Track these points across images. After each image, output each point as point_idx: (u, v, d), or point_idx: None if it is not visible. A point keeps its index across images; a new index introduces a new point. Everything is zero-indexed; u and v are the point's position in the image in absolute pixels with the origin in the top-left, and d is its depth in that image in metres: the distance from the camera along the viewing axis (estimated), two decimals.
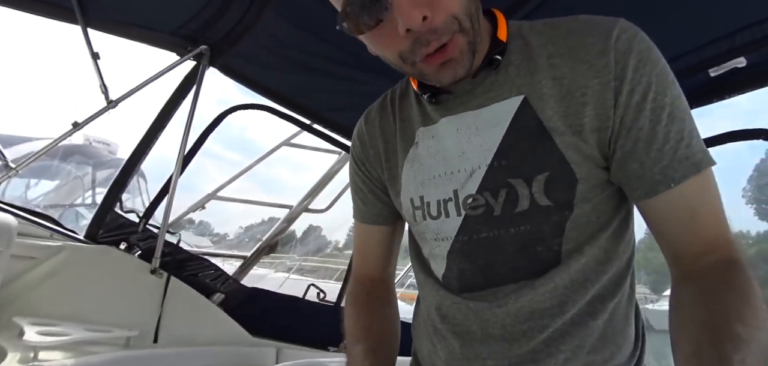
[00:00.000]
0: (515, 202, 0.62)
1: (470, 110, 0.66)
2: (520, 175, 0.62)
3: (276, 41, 1.65)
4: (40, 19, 1.43)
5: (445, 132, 0.68)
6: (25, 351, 1.17)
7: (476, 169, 0.65)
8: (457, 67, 0.59)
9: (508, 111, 0.63)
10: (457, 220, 0.67)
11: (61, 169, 6.13)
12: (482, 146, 0.64)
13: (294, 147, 2.22)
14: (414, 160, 0.72)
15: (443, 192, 0.68)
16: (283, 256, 6.94)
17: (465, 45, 0.57)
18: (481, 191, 0.64)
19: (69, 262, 1.46)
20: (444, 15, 0.55)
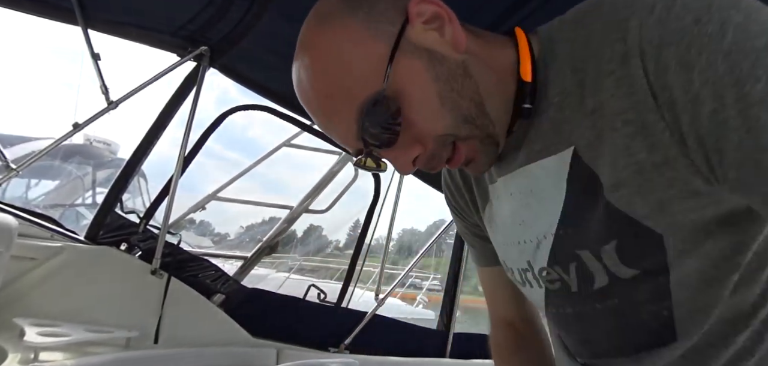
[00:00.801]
0: (591, 278, 0.52)
1: (520, 167, 0.55)
2: (585, 246, 0.51)
3: (277, 42, 1.64)
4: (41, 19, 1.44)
5: (503, 195, 0.60)
6: (25, 352, 1.17)
7: (542, 240, 0.55)
8: (479, 165, 0.53)
9: (561, 167, 0.51)
10: (541, 292, 0.60)
11: (61, 169, 6.14)
12: (544, 212, 0.54)
13: (294, 147, 2.22)
14: (491, 220, 0.66)
15: (520, 261, 0.61)
16: (284, 256, 6.95)
17: (475, 145, 0.51)
18: (552, 265, 0.55)
19: (69, 262, 1.45)
20: (433, 141, 0.49)
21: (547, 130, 0.52)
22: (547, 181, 0.53)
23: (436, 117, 0.48)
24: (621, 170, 0.46)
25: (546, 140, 0.52)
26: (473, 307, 20.24)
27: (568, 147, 0.50)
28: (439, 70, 0.48)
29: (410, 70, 0.47)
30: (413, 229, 33.48)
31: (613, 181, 0.47)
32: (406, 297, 9.98)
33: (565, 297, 0.56)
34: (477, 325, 4.63)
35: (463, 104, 0.49)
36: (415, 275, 10.42)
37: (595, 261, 0.51)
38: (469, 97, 0.49)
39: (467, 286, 2.49)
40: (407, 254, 17.88)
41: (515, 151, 0.55)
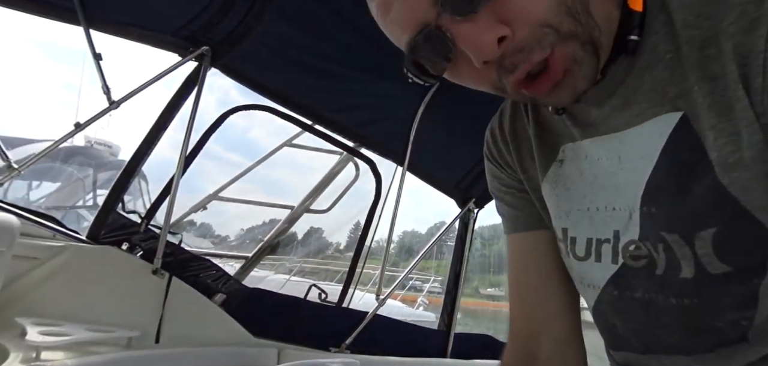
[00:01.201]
0: (677, 266, 0.46)
1: (613, 132, 0.49)
2: (675, 229, 0.45)
3: (277, 42, 1.65)
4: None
5: (591, 156, 0.52)
6: (27, 351, 1.17)
7: (634, 211, 0.49)
8: (575, 81, 0.42)
9: (659, 134, 0.44)
10: (611, 268, 0.52)
11: (62, 170, 6.14)
12: (627, 184, 0.48)
13: (295, 147, 2.23)
14: (556, 181, 0.56)
15: (599, 230, 0.53)
16: (284, 258, 6.95)
17: (576, 49, 0.41)
18: (643, 239, 0.49)
19: (71, 262, 1.46)
20: (528, 27, 0.39)
21: (648, 90, 0.45)
22: (637, 149, 0.46)
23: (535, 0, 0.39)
24: (744, 149, 0.39)
25: (647, 102, 0.45)
26: (473, 310, 20.19)
27: (674, 111, 0.43)
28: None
29: None
30: (414, 231, 33.50)
31: (731, 158, 0.40)
32: (406, 299, 9.97)
33: (645, 278, 0.49)
34: (477, 328, 4.63)
35: (572, 1, 0.40)
36: (415, 277, 10.42)
37: (686, 247, 0.45)
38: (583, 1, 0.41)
39: (467, 288, 2.48)
40: (408, 256, 17.88)
41: (607, 107, 0.48)
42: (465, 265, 2.40)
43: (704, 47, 0.41)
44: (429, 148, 2.14)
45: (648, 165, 0.46)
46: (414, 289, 11.08)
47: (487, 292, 26.61)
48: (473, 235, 2.44)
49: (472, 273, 17.56)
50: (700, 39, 0.41)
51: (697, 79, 0.41)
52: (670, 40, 0.43)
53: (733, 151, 0.40)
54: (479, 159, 2.32)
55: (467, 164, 2.25)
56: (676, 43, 0.42)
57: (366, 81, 1.83)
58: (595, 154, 0.52)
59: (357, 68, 1.77)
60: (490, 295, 26.36)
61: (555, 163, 0.56)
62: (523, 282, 0.65)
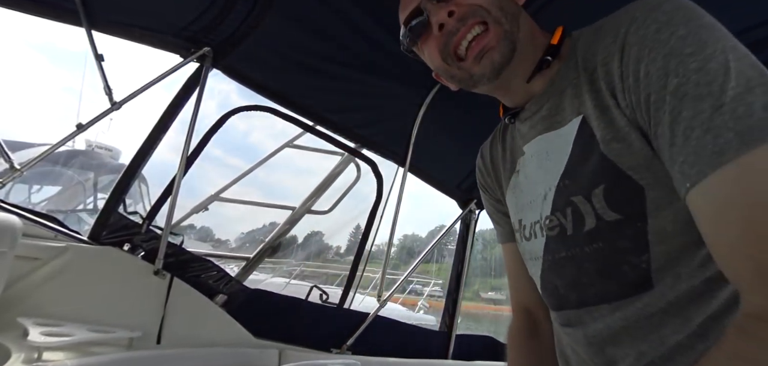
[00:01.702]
0: (582, 220, 0.62)
1: (540, 134, 0.70)
2: (579, 191, 0.62)
3: (279, 43, 1.66)
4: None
5: (528, 158, 0.74)
6: (29, 351, 1.17)
7: (548, 192, 0.68)
8: (493, 53, 0.65)
9: (571, 131, 0.64)
10: (542, 241, 0.70)
11: (63, 174, 6.14)
12: (552, 169, 0.67)
13: (297, 148, 2.23)
14: (515, 188, 0.78)
15: (534, 214, 0.72)
16: (284, 261, 6.95)
17: (500, 34, 0.65)
18: (554, 211, 0.67)
19: (73, 262, 1.46)
20: (468, 7, 0.65)
21: (564, 104, 0.66)
22: (559, 144, 0.66)
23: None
24: (616, 130, 0.57)
25: (564, 112, 0.66)
26: (474, 313, 20.07)
27: (578, 116, 0.63)
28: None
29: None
30: (414, 235, 33.38)
31: (606, 136, 0.58)
32: (407, 303, 9.95)
33: (561, 241, 0.65)
34: (478, 331, 4.61)
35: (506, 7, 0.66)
36: (416, 281, 10.40)
37: (587, 203, 0.61)
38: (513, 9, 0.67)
39: (468, 292, 2.48)
40: (408, 259, 17.86)
41: (538, 118, 0.70)
42: (466, 265, 2.40)
43: (592, 72, 0.62)
44: (430, 148, 2.14)
45: (566, 152, 0.64)
46: (414, 292, 11.06)
47: (488, 296, 26.54)
48: (475, 237, 2.44)
49: (473, 276, 17.50)
50: (590, 68, 0.62)
51: (588, 93, 0.62)
52: (575, 70, 0.65)
53: (608, 132, 0.58)
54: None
55: (468, 165, 2.25)
56: (577, 71, 0.64)
57: (367, 82, 1.84)
58: (530, 154, 0.72)
59: (358, 69, 1.78)
60: (491, 299, 26.27)
61: (514, 174, 0.78)
62: (515, 278, 0.89)
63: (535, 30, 0.70)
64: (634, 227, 0.56)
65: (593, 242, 0.60)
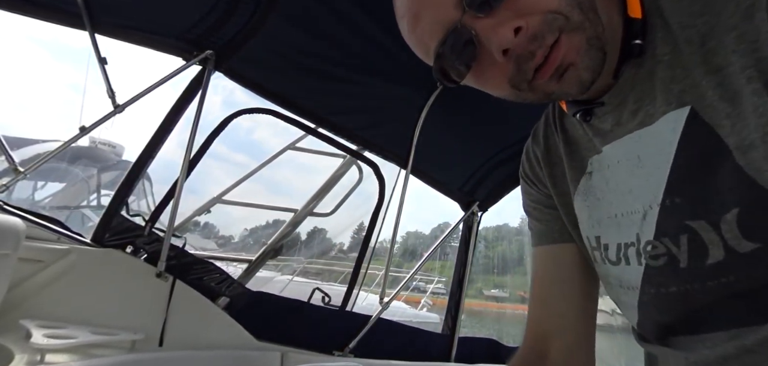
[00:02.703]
0: (705, 252, 0.47)
1: (628, 134, 0.53)
2: (701, 215, 0.47)
3: (281, 45, 1.65)
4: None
5: (611, 164, 0.56)
6: (31, 353, 1.18)
7: (648, 210, 0.51)
8: (579, 71, 0.47)
9: (673, 130, 0.48)
10: (639, 270, 0.54)
11: (67, 171, 6.18)
12: (649, 181, 0.51)
13: (299, 150, 2.23)
14: (587, 193, 0.60)
15: (624, 234, 0.55)
16: (288, 259, 6.97)
17: (581, 42, 0.46)
18: (659, 237, 0.51)
19: (76, 265, 1.46)
20: (540, 16, 0.45)
21: (655, 91, 0.49)
22: (655, 146, 0.49)
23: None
24: (752, 131, 0.42)
25: (655, 102, 0.49)
26: (478, 311, 20.10)
27: (682, 107, 0.46)
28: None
29: None
30: (417, 232, 33.47)
31: (746, 141, 0.42)
32: (410, 300, 9.96)
33: (671, 274, 0.50)
34: (482, 329, 4.59)
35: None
36: (419, 278, 10.40)
37: (712, 232, 0.46)
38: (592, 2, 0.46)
39: (471, 290, 2.48)
40: (411, 257, 17.87)
41: (621, 110, 0.52)
42: (469, 268, 2.40)
43: (705, 42, 0.45)
44: (432, 151, 2.13)
45: (666, 160, 0.48)
46: (418, 290, 11.07)
47: (490, 294, 26.55)
48: (477, 238, 2.44)
49: (475, 274, 17.69)
50: (699, 36, 0.45)
51: (703, 73, 0.45)
52: (667, 42, 0.48)
53: (747, 134, 0.42)
54: (483, 162, 2.32)
55: (471, 167, 2.24)
56: (674, 44, 0.47)
57: (369, 84, 1.83)
58: (616, 157, 0.55)
59: (360, 71, 1.77)
60: (494, 297, 26.29)
61: (584, 176, 0.60)
62: (543, 291, 0.69)
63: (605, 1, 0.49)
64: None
65: (720, 277, 0.47)
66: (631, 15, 0.48)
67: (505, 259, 27.40)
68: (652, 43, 0.48)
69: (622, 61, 0.50)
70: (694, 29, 0.45)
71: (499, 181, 2.29)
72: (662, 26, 0.48)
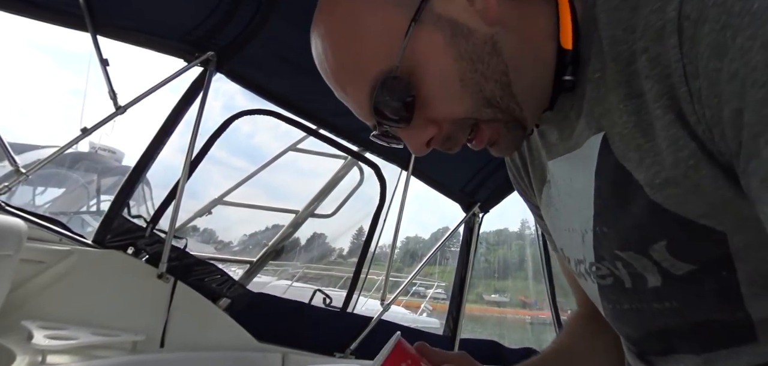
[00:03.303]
0: (642, 278, 0.46)
1: (565, 153, 0.50)
2: (627, 246, 0.45)
3: (282, 46, 1.66)
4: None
5: (556, 178, 0.55)
6: (33, 354, 1.18)
7: (585, 234, 0.50)
8: (502, 148, 0.48)
9: (591, 157, 0.45)
10: (594, 287, 0.53)
11: (67, 176, 6.18)
12: (581, 204, 0.49)
13: (300, 152, 2.23)
14: (548, 204, 0.58)
15: (576, 251, 0.54)
16: (287, 264, 6.96)
17: (499, 128, 0.46)
18: (599, 260, 0.50)
19: (77, 266, 1.47)
20: (448, 125, 0.45)
21: (586, 112, 0.45)
22: (582, 170, 0.48)
23: (454, 100, 0.44)
24: (669, 168, 0.38)
25: (584, 123, 0.46)
26: (479, 316, 20.04)
27: (598, 133, 0.44)
28: (463, 47, 0.43)
29: (429, 46, 0.42)
30: (417, 237, 33.45)
31: (657, 179, 0.39)
32: (410, 305, 9.94)
33: (620, 293, 0.49)
34: (483, 334, 4.56)
35: (487, 86, 0.43)
36: (418, 283, 10.39)
37: (644, 259, 0.44)
38: (495, 78, 0.43)
39: (471, 294, 2.48)
40: (412, 261, 17.85)
41: (564, 129, 0.50)
42: (470, 270, 2.40)
43: (631, 62, 0.40)
44: (434, 152, 2.13)
45: (590, 187, 0.47)
46: (417, 295, 11.04)
47: (491, 299, 26.49)
48: (478, 240, 2.44)
49: (476, 278, 17.65)
50: (627, 54, 0.40)
51: (622, 97, 0.41)
52: (599, 58, 0.43)
53: (658, 171, 0.39)
54: (484, 163, 2.32)
55: (472, 169, 2.25)
56: (603, 61, 0.43)
57: None
58: (557, 175, 0.54)
59: None
60: (495, 302, 26.23)
61: (545, 184, 0.58)
62: (570, 281, 0.71)
63: (529, 32, 0.45)
64: (718, 277, 0.41)
65: (663, 301, 0.45)
66: (563, 45, 0.44)
67: (507, 263, 27.32)
68: (586, 60, 0.44)
69: (555, 98, 0.47)
70: (625, 46, 0.40)
71: (500, 182, 2.29)
72: (597, 40, 0.43)
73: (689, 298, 0.44)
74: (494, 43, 0.43)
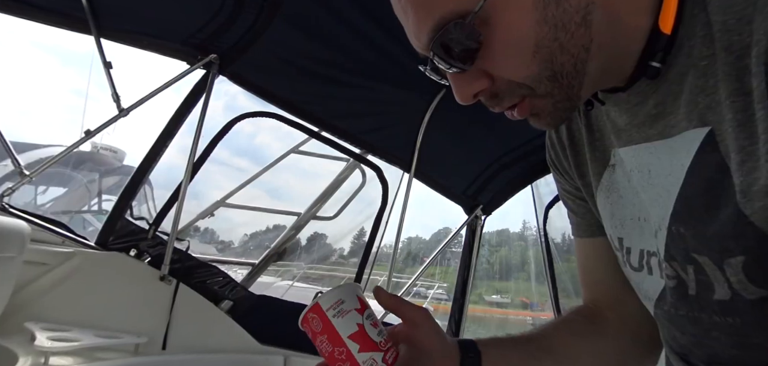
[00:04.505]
0: (711, 287, 0.43)
1: (645, 142, 0.46)
2: (704, 252, 0.42)
3: (284, 49, 1.66)
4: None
5: (627, 166, 0.51)
6: (36, 356, 1.18)
7: (658, 230, 0.47)
8: (542, 122, 0.46)
9: (687, 152, 0.41)
10: (660, 283, 0.50)
11: (68, 176, 6.19)
12: (657, 200, 0.46)
13: (302, 154, 2.23)
14: (610, 189, 0.55)
15: (648, 241, 0.50)
16: (289, 265, 6.97)
17: (546, 105, 0.43)
18: (669, 260, 0.47)
19: (80, 268, 1.47)
20: (506, 83, 0.43)
21: (679, 100, 0.41)
22: (667, 164, 0.44)
23: (521, 63, 0.41)
24: (763, 176, 0.35)
25: (678, 114, 0.42)
26: (480, 317, 19.98)
27: (702, 126, 0.40)
28: (551, 11, 0.38)
29: (515, 1, 0.38)
30: (418, 238, 33.43)
31: (755, 186, 0.36)
32: None
33: (681, 297, 0.47)
34: (486, 335, 4.55)
35: (561, 59, 0.40)
36: (420, 284, 10.39)
37: (717, 271, 0.42)
38: (574, 52, 0.40)
39: (472, 296, 2.48)
40: (413, 263, 17.85)
41: (639, 114, 0.46)
42: (473, 272, 2.39)
43: (743, 56, 0.36)
44: (436, 154, 2.14)
45: (676, 182, 0.43)
46: (418, 295, 11.04)
47: (491, 299, 26.47)
48: (481, 242, 2.44)
49: (477, 279, 17.67)
50: (739, 46, 0.36)
51: (731, 92, 0.37)
52: (707, 44, 0.39)
53: (757, 178, 0.36)
54: (486, 165, 2.32)
55: (474, 171, 2.24)
56: (713, 49, 0.38)
57: (373, 88, 1.84)
58: (628, 163, 0.50)
59: (364, 75, 1.78)
60: (495, 303, 26.20)
61: (608, 168, 0.54)
62: (589, 277, 0.68)
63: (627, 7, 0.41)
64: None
65: (726, 316, 0.43)
66: (660, 27, 0.40)
67: (509, 264, 27.26)
68: (688, 42, 0.40)
69: (634, 79, 0.44)
70: (738, 36, 0.36)
71: (503, 184, 2.29)
72: (705, 23, 0.39)
73: (755, 321, 0.41)
74: (586, 14, 0.39)
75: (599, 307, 0.66)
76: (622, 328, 0.64)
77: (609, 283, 0.64)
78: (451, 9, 0.39)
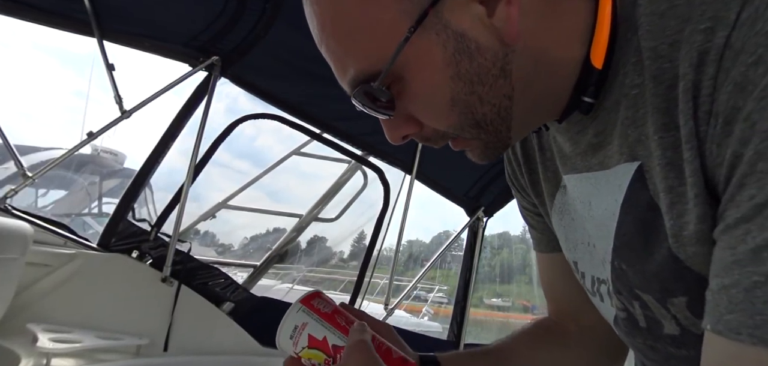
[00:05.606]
0: (659, 324, 0.42)
1: (586, 171, 0.45)
2: (647, 291, 0.41)
3: (286, 51, 1.67)
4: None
5: (573, 193, 0.49)
6: (38, 357, 1.18)
7: (604, 260, 0.46)
8: (476, 158, 0.45)
9: (618, 185, 0.40)
10: (612, 311, 0.49)
11: (69, 178, 6.20)
12: (600, 230, 0.45)
13: (304, 156, 2.24)
14: (563, 211, 0.53)
15: (595, 269, 0.50)
16: (289, 267, 6.96)
17: (477, 145, 0.43)
18: (616, 293, 0.46)
19: (82, 269, 1.47)
20: (433, 131, 0.42)
21: (614, 132, 0.40)
22: (605, 196, 0.42)
23: (439, 116, 0.40)
24: (696, 221, 0.34)
25: (613, 145, 0.40)
26: (482, 320, 19.93)
27: (632, 161, 0.38)
28: (465, 67, 0.37)
29: (425, 58, 0.37)
30: (419, 241, 33.40)
31: (685, 231, 0.35)
32: (411, 309, 9.92)
33: (634, 329, 0.46)
34: (487, 339, 4.56)
35: (482, 110, 0.39)
36: (420, 287, 10.38)
37: (662, 309, 0.41)
38: (494, 102, 0.39)
39: (473, 299, 2.48)
40: (413, 265, 17.84)
41: (580, 143, 0.44)
42: (474, 274, 2.39)
43: (673, 86, 0.33)
44: (437, 156, 2.14)
45: (612, 218, 0.42)
46: (418, 299, 11.02)
47: (491, 302, 26.41)
48: (483, 244, 2.44)
49: (478, 282, 17.60)
50: (670, 75, 0.34)
51: (659, 127, 0.35)
52: (638, 71, 0.36)
53: (686, 223, 0.34)
54: (488, 167, 2.31)
55: (476, 173, 2.25)
56: (643, 77, 0.36)
57: None
58: (572, 191, 0.49)
59: None
60: (497, 306, 26.15)
61: (560, 189, 0.53)
62: (551, 291, 0.69)
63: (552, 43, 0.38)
64: None
65: (680, 348, 0.42)
66: (592, 61, 0.38)
67: (511, 266, 27.21)
68: (622, 65, 0.37)
69: (567, 113, 0.42)
70: (669, 64, 0.34)
71: (504, 186, 2.29)
72: (636, 48, 0.36)
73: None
74: (504, 65, 0.37)
75: (562, 320, 0.67)
76: (585, 340, 0.64)
77: (571, 296, 0.64)
78: (361, 68, 0.38)
